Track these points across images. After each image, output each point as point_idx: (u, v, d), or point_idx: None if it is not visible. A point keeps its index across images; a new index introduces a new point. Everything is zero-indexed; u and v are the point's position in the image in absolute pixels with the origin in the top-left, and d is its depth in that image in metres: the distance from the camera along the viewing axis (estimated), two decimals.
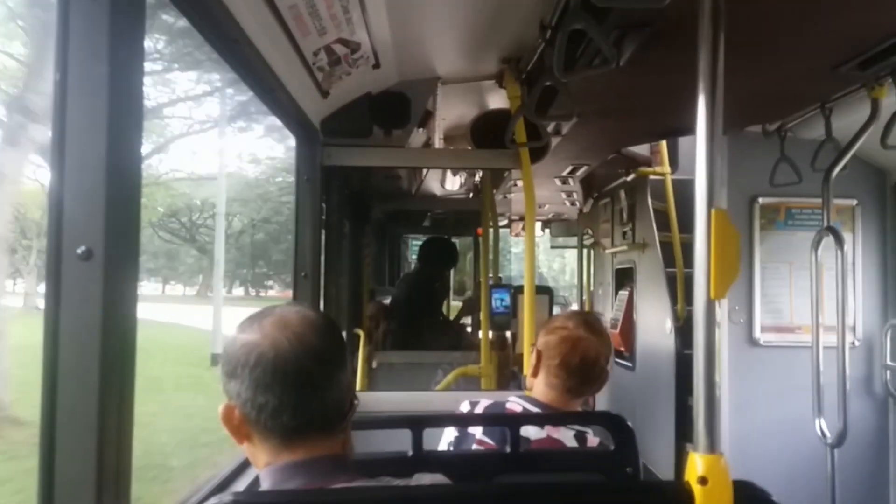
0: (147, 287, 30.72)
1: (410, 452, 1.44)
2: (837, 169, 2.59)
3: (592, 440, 1.69)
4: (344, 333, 3.80)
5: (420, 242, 5.69)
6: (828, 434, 2.72)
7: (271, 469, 1.03)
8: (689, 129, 2.90)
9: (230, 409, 1.03)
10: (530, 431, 1.65)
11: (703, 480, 1.00)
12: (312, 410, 1.02)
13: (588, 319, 1.80)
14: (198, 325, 18.45)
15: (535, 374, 1.79)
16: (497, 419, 1.72)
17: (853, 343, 3.28)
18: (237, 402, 1.02)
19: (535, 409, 1.74)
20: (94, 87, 0.91)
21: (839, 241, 2.60)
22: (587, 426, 1.75)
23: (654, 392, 3.77)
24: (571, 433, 1.69)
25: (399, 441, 1.46)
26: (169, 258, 28.96)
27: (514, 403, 1.77)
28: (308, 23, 1.67)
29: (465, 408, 1.80)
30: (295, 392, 1.00)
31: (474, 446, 1.71)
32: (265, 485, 1.03)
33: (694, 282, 1.11)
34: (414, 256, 6.82)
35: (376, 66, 2.21)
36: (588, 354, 1.72)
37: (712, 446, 1.04)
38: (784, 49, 1.86)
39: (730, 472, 1.03)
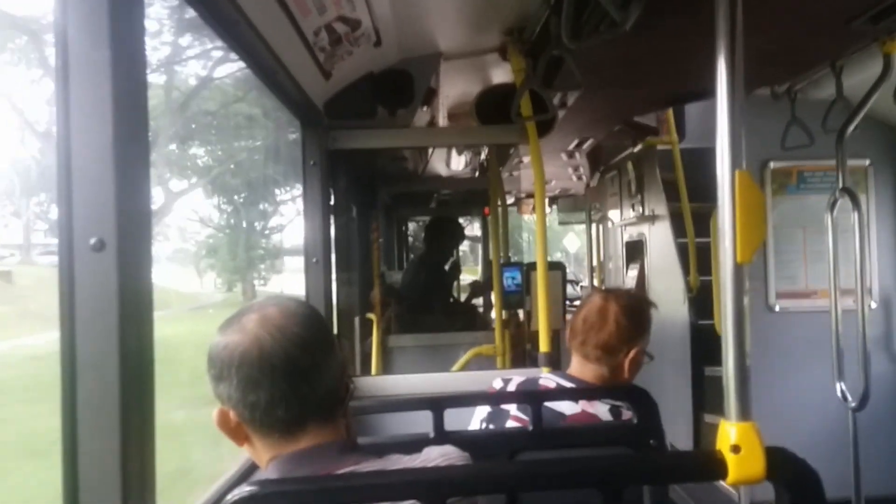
0: None
1: (432, 434, 1.43)
2: (851, 128, 2.54)
3: (626, 414, 1.68)
4: (357, 318, 3.80)
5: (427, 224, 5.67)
6: (849, 397, 2.70)
7: (276, 462, 1.02)
8: (700, 95, 2.85)
9: (224, 413, 1.02)
10: (564, 406, 1.64)
11: (735, 449, 0.98)
12: (306, 400, 1.01)
13: (602, 289, 1.83)
14: None
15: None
16: (521, 396, 1.71)
17: (871, 305, 3.26)
18: (229, 405, 1.01)
19: (568, 384, 1.74)
20: (97, 74, 0.89)
21: (856, 203, 2.56)
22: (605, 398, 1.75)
23: (669, 363, 3.76)
24: (606, 407, 1.68)
25: (420, 423, 1.45)
26: None
27: (548, 380, 1.77)
28: (308, 0, 1.64)
29: (497, 384, 1.81)
30: (285, 384, 0.99)
31: (509, 422, 1.71)
32: (273, 477, 1.02)
33: (718, 247, 1.08)
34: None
35: (377, 43, 2.18)
36: (589, 310, 1.74)
37: (744, 414, 1.02)
38: (794, 4, 1.81)
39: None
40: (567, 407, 1.64)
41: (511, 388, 1.78)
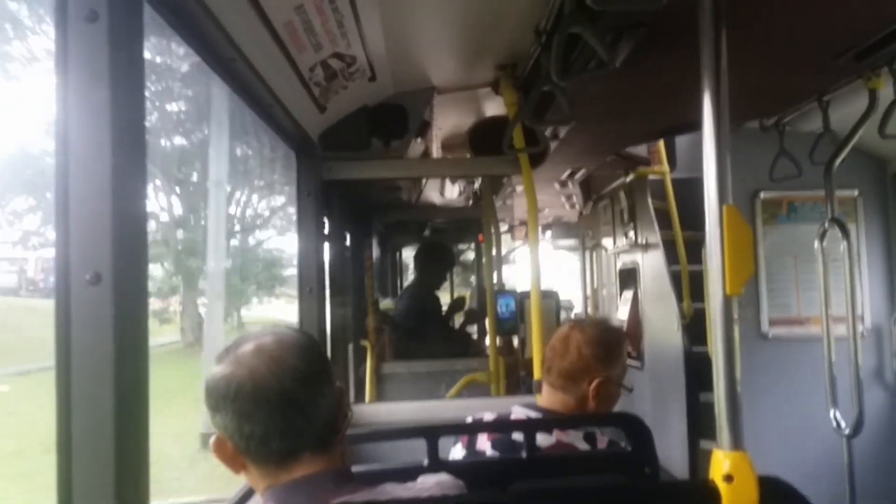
0: None
1: (426, 462, 1.43)
2: (838, 161, 2.58)
3: (602, 440, 1.68)
4: (350, 346, 3.79)
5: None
6: (843, 424, 2.71)
7: (272, 492, 1.03)
8: (689, 127, 2.89)
9: (221, 442, 1.03)
10: (539, 439, 1.62)
11: (728, 478, 0.99)
12: (302, 432, 1.01)
13: (574, 319, 1.84)
14: None
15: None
16: (512, 426, 1.71)
17: (862, 333, 3.27)
18: (225, 435, 1.02)
19: (536, 416, 1.74)
20: (96, 111, 0.91)
21: (845, 233, 2.59)
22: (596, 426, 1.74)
23: (664, 390, 3.76)
24: (580, 434, 1.67)
25: (415, 451, 1.45)
26: None
27: (518, 412, 1.77)
28: (303, 38, 1.67)
29: (469, 420, 1.79)
30: (280, 416, 0.99)
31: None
32: None
33: (708, 279, 1.10)
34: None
35: (372, 78, 2.21)
36: (555, 339, 1.76)
37: (736, 443, 1.03)
38: (782, 42, 1.86)
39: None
40: (542, 438, 1.61)
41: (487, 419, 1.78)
